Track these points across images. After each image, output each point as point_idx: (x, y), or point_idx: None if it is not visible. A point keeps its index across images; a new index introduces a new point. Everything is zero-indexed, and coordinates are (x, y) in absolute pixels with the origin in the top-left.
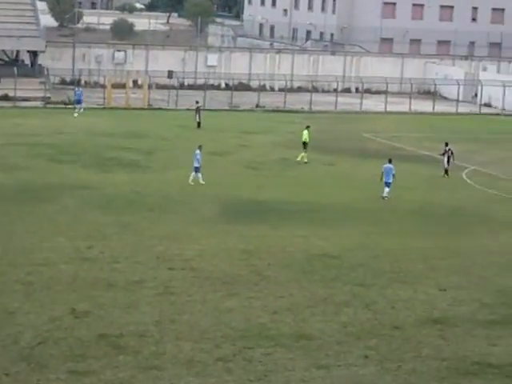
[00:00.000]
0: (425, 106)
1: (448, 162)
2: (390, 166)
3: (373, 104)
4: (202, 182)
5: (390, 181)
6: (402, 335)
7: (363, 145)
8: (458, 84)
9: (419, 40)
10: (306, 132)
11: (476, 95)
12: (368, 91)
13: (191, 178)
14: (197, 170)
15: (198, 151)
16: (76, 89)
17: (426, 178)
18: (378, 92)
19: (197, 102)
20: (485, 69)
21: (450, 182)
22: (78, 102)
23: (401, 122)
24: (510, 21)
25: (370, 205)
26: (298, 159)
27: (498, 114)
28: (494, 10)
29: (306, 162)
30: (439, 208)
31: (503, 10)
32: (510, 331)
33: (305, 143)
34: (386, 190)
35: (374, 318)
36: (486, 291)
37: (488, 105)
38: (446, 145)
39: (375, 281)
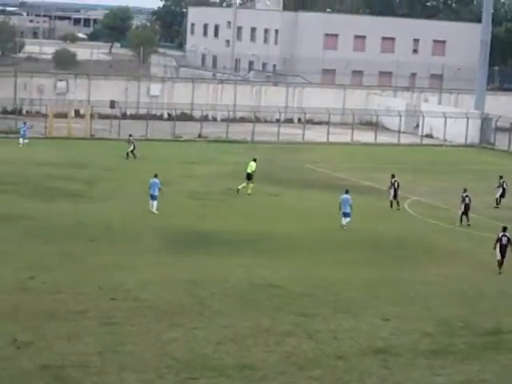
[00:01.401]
0: (367, 136)
1: (395, 194)
2: (348, 196)
3: (315, 135)
4: (155, 211)
5: (348, 211)
6: (346, 365)
7: (306, 175)
8: (400, 115)
9: (361, 71)
10: (253, 164)
11: (417, 126)
12: (310, 122)
13: (154, 206)
14: (153, 197)
15: (156, 180)
16: (23, 125)
17: (369, 209)
18: (320, 123)
19: (130, 135)
20: (426, 100)
21: (393, 213)
22: (23, 136)
23: (343, 153)
24: (450, 53)
25: (314, 235)
26: (247, 191)
27: (439, 145)
28: (435, 41)
29: (249, 194)
30: (382, 238)
31: (444, 41)
32: (452, 361)
33: (249, 174)
34: (347, 219)
35: (317, 348)
36: (428, 321)
37: (429, 136)
38: (393, 176)
39: (318, 311)
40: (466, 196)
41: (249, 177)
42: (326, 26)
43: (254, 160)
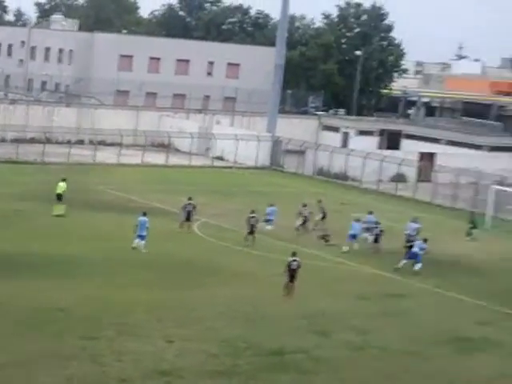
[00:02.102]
0: (158, 158)
1: (188, 216)
2: (145, 218)
3: (107, 156)
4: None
5: (144, 233)
6: None
7: (96, 197)
8: (192, 137)
9: (155, 93)
10: (62, 184)
11: (209, 148)
12: (103, 143)
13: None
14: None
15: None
16: None
17: (160, 230)
18: (112, 144)
19: None
20: (218, 122)
21: (183, 235)
22: None
23: (134, 175)
24: (244, 76)
25: (102, 257)
26: (55, 213)
27: (229, 167)
28: (229, 64)
29: (62, 215)
30: (170, 260)
31: (238, 64)
32: (237, 382)
33: (59, 195)
34: (142, 242)
35: (100, 371)
36: (213, 342)
37: (221, 158)
38: (190, 199)
39: (102, 333)
40: (306, 211)
41: (59, 197)
42: (121, 47)
43: (64, 180)
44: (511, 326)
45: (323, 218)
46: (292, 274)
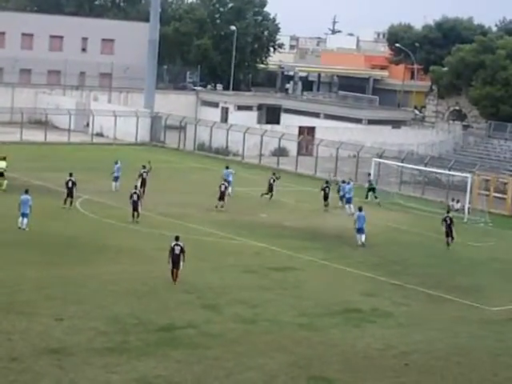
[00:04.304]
0: (36, 135)
1: (71, 192)
2: (27, 196)
3: None
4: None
5: (27, 212)
6: (19, 366)
7: None
8: (70, 114)
9: (29, 70)
10: (2, 162)
11: (88, 125)
12: None
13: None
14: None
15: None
16: None
17: (41, 208)
18: None
19: None
20: (96, 99)
21: (65, 212)
22: None
23: (14, 152)
24: (119, 51)
25: None
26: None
27: (109, 144)
28: (103, 40)
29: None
30: (54, 238)
31: (113, 40)
32: (127, 358)
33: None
34: (25, 220)
35: None
36: (102, 319)
37: (100, 134)
38: (71, 175)
39: None
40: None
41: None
42: None
43: (4, 158)
44: (398, 297)
45: None
46: (175, 259)
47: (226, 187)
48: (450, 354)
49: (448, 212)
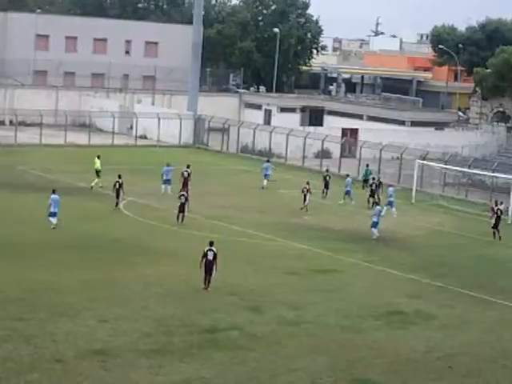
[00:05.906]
0: (80, 138)
1: (118, 194)
2: (56, 196)
3: (28, 137)
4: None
5: (56, 210)
6: (63, 368)
7: (18, 178)
8: (113, 116)
9: (73, 72)
10: (97, 160)
11: (131, 127)
12: (23, 124)
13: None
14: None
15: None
16: None
17: (84, 210)
18: (33, 124)
19: None
20: (139, 101)
21: (109, 214)
22: None
23: (57, 155)
24: (163, 54)
25: (28, 238)
26: (93, 184)
27: (153, 146)
28: (147, 43)
29: (101, 187)
30: (99, 240)
31: (156, 43)
32: (170, 360)
33: (97, 171)
34: (53, 220)
35: (34, 352)
36: (145, 321)
37: (143, 137)
38: (119, 177)
39: (35, 315)
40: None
41: (97, 173)
42: (37, 27)
43: (98, 157)
44: (442, 299)
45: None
46: (208, 265)
47: (307, 190)
48: (494, 356)
49: (497, 204)
